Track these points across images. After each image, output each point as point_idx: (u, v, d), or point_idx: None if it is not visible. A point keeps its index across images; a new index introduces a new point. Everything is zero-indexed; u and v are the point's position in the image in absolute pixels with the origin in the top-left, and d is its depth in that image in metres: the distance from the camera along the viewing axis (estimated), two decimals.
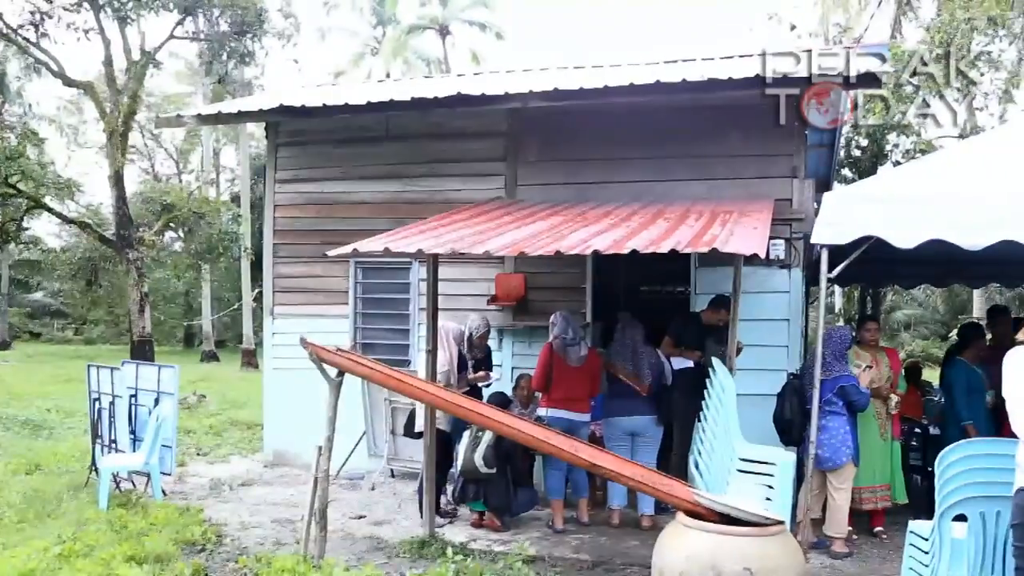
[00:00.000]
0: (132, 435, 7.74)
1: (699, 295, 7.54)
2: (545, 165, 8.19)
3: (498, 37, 33.11)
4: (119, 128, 17.54)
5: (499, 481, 6.48)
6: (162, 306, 31.64)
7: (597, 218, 6.57)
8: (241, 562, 5.68)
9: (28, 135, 17.70)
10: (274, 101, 8.54)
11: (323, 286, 8.88)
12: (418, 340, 8.38)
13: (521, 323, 8.06)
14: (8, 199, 16.62)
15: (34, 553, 5.60)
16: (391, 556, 5.96)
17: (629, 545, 6.15)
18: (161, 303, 31.15)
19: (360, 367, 5.50)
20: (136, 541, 5.89)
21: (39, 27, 17.01)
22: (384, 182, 8.69)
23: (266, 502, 7.54)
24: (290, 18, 20.48)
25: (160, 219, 19.49)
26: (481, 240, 5.72)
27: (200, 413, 13.08)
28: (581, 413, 6.64)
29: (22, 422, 11.76)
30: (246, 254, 22.06)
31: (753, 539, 3.86)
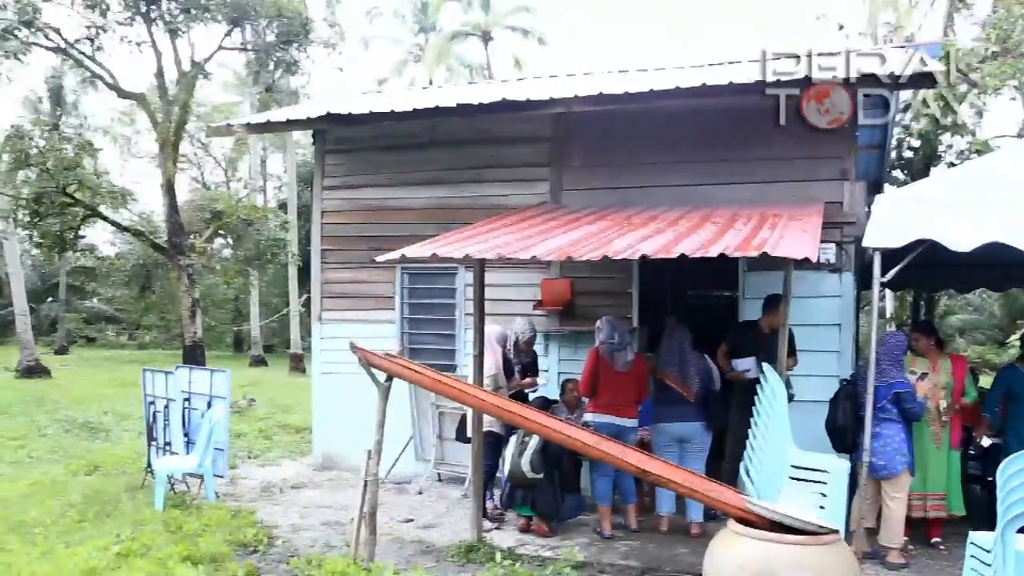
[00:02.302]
0: (186, 438, 7.90)
1: (747, 299, 7.47)
2: (590, 170, 8.18)
3: (540, 43, 33.14)
4: (170, 138, 17.90)
5: (546, 486, 6.47)
6: (212, 311, 32.19)
7: (644, 222, 6.54)
8: (292, 564, 5.76)
9: (84, 146, 18.12)
10: (321, 109, 8.66)
11: (370, 291, 8.96)
12: (464, 345, 8.42)
13: (567, 328, 8.05)
14: (66, 208, 17.04)
15: (95, 552, 5.76)
16: (439, 560, 5.98)
17: (678, 552, 6.10)
18: (211, 308, 31.70)
19: (408, 372, 5.54)
20: (191, 541, 6.02)
21: (94, 41, 17.46)
22: (430, 188, 8.76)
23: (316, 505, 7.63)
24: (335, 27, 20.72)
25: (210, 226, 19.84)
26: (528, 245, 5.73)
27: (250, 417, 13.29)
28: (628, 418, 6.61)
29: (81, 424, 12.09)
30: (293, 260, 22.35)
31: (807, 548, 3.80)
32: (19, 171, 17.08)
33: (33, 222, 17.50)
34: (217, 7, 17.05)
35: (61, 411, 13.37)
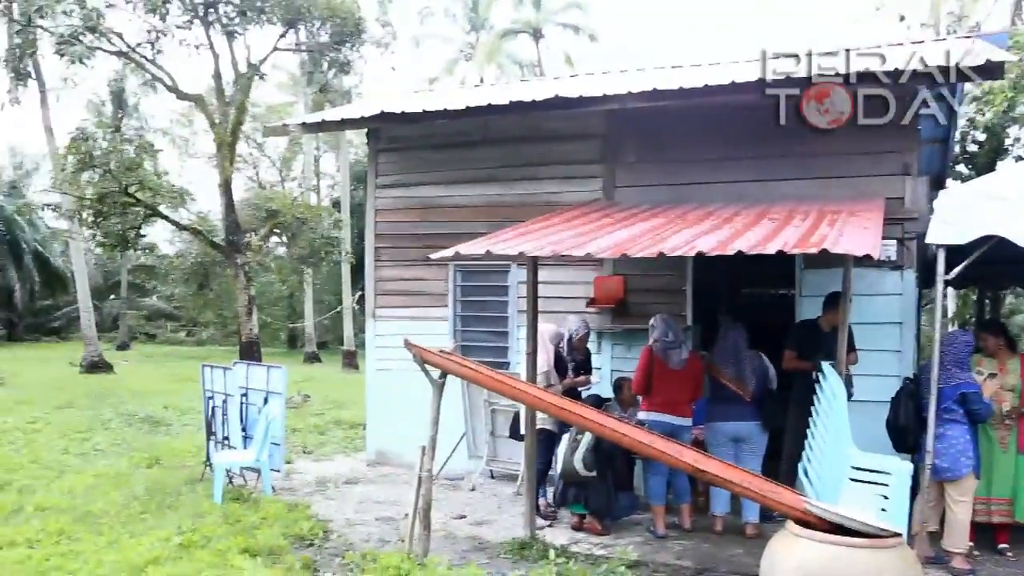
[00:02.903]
0: (243, 432, 8.04)
1: (805, 297, 7.34)
2: (643, 166, 8.11)
3: (592, 39, 33.02)
4: (227, 138, 18.27)
5: (599, 484, 6.45)
6: (267, 309, 32.78)
7: (699, 219, 6.48)
8: (348, 558, 5.83)
9: (145, 147, 18.59)
10: (375, 108, 8.74)
11: (423, 289, 9.03)
12: (516, 342, 8.43)
13: (620, 326, 8.00)
14: (128, 208, 17.49)
15: (157, 542, 5.91)
16: (492, 556, 6.00)
17: (733, 553, 6.02)
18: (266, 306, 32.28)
19: (462, 369, 5.56)
20: (249, 534, 6.14)
21: (155, 44, 17.91)
22: (482, 185, 8.78)
23: (370, 500, 7.71)
24: (387, 27, 20.95)
25: (265, 225, 20.19)
26: (582, 242, 5.71)
27: (305, 413, 13.49)
28: (682, 417, 6.55)
29: (142, 418, 12.40)
30: (347, 258, 22.62)
31: (868, 551, 3.72)
32: (83, 172, 17.58)
33: (97, 222, 18.00)
34: (272, 9, 17.36)
35: (123, 405, 13.74)
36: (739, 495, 5.12)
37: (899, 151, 7.04)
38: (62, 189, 19.01)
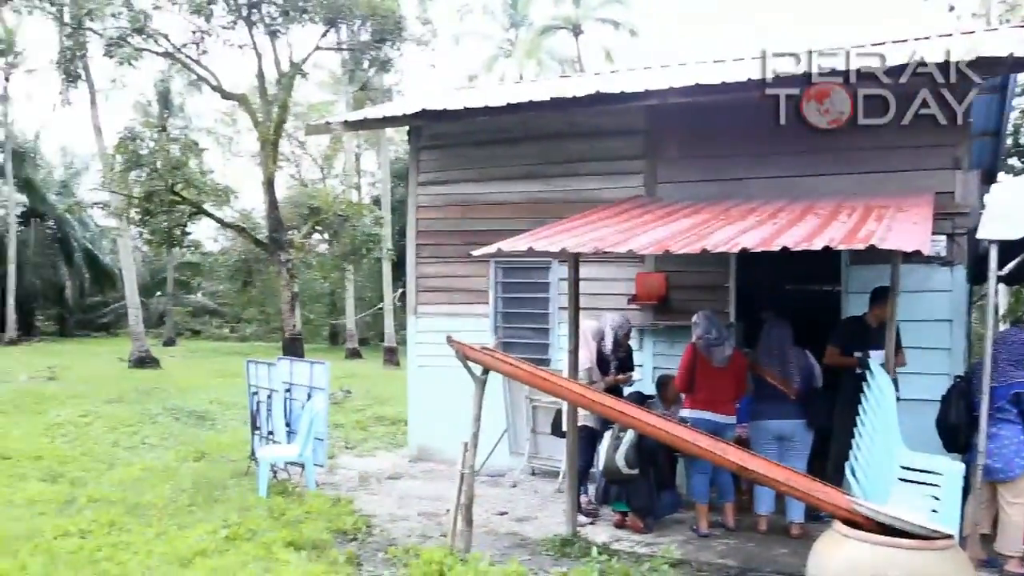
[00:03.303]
0: (287, 427, 8.14)
1: (851, 294, 7.22)
2: (686, 162, 8.04)
3: (632, 34, 32.82)
4: (271, 137, 18.50)
5: (642, 482, 6.41)
6: (309, 305, 33.15)
7: (742, 215, 6.41)
8: (391, 552, 5.88)
9: (190, 146, 18.92)
10: (416, 105, 8.78)
11: (464, 286, 9.06)
12: (557, 339, 8.42)
13: (662, 323, 7.95)
14: (174, 206, 17.81)
15: (204, 534, 6.03)
16: (534, 553, 6.00)
17: (778, 553, 5.95)
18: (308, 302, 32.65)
19: (504, 365, 5.57)
20: (294, 528, 6.22)
21: (199, 45, 18.19)
22: (523, 182, 8.78)
23: (411, 495, 7.76)
24: (427, 24, 21.03)
25: (308, 222, 20.41)
26: (624, 239, 5.69)
27: (347, 408, 13.62)
28: (726, 415, 6.48)
29: (188, 413, 12.62)
30: (387, 255, 22.78)
31: (919, 552, 3.66)
32: (131, 171, 17.94)
33: (144, 219, 18.36)
34: (314, 8, 17.52)
35: (170, 400, 13.98)
36: (784, 494, 5.07)
37: (949, 145, 6.89)
38: (111, 188, 19.43)
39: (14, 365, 19.88)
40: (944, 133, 6.81)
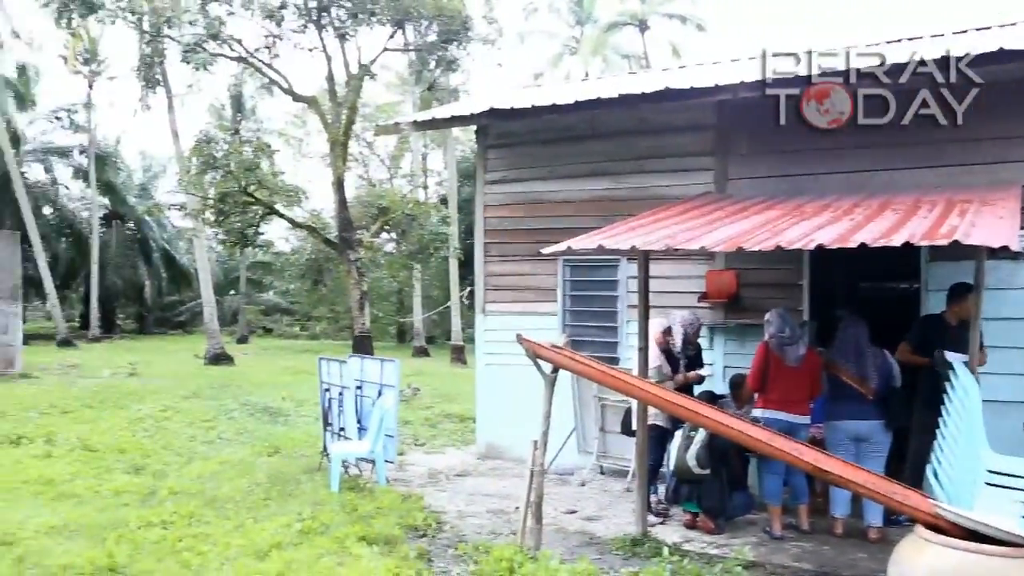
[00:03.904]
0: (358, 424, 8.26)
1: (931, 292, 7.00)
2: (757, 157, 7.90)
3: (699, 29, 32.44)
4: (340, 138, 18.81)
5: (713, 482, 6.33)
6: (377, 304, 33.60)
7: (816, 211, 6.27)
8: (461, 549, 5.92)
9: (263, 148, 19.37)
10: (484, 104, 8.82)
11: (532, 284, 9.06)
12: (626, 337, 8.37)
13: (733, 321, 7.83)
14: (247, 207, 18.26)
15: (279, 528, 6.16)
16: (603, 552, 5.98)
17: (855, 557, 5.80)
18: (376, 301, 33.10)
19: (574, 363, 5.56)
20: (365, 523, 6.32)
21: (271, 49, 18.62)
22: (591, 180, 8.74)
23: (480, 493, 7.81)
24: (493, 24, 21.10)
25: (376, 222, 20.69)
26: (694, 236, 5.62)
27: (415, 406, 13.76)
28: (800, 415, 6.34)
29: (262, 409, 12.93)
30: (454, 254, 22.95)
31: (1008, 560, 3.51)
32: (207, 173, 18.47)
33: (219, 220, 18.88)
34: (382, 10, 17.75)
35: (244, 396, 14.34)
36: (862, 496, 4.94)
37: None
38: (187, 190, 20.04)
39: (98, 362, 20.67)
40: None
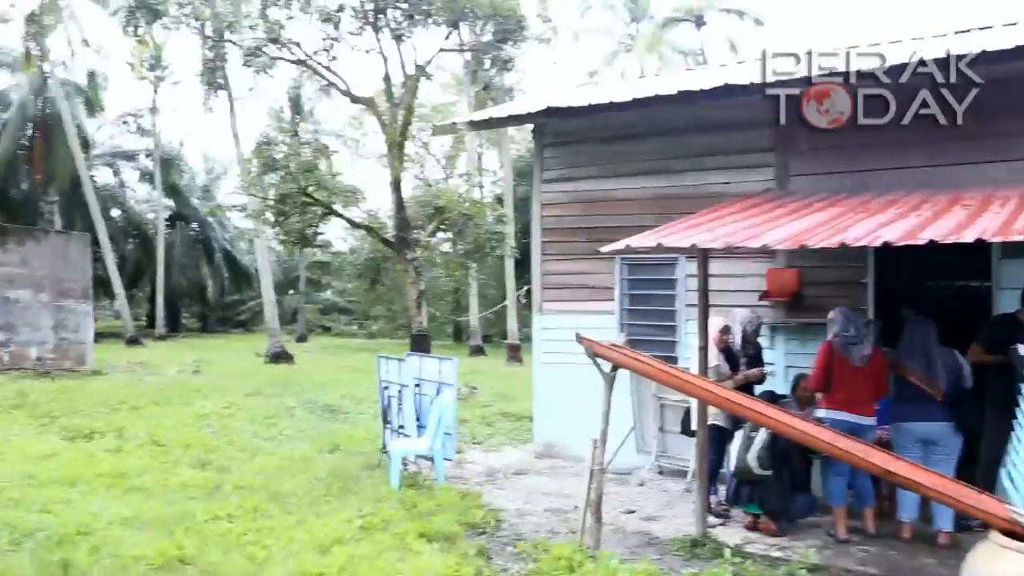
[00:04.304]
0: (417, 422, 8.34)
1: (1003, 290, 6.78)
2: (818, 153, 7.75)
3: (757, 23, 31.94)
4: (397, 138, 18.97)
5: (775, 483, 6.23)
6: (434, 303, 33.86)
7: (881, 207, 6.14)
8: (519, 547, 5.94)
9: (321, 149, 19.66)
10: (541, 103, 8.83)
11: (589, 282, 9.03)
12: (684, 336, 8.29)
13: (794, 320, 7.70)
14: (307, 207, 18.54)
15: (341, 523, 6.26)
16: (663, 553, 5.94)
17: (924, 563, 5.66)
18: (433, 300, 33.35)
19: (634, 362, 5.53)
20: (425, 519, 6.38)
21: (329, 52, 18.87)
22: (648, 178, 8.68)
23: (538, 491, 7.81)
24: (548, 22, 21.07)
25: (433, 221, 20.82)
26: (755, 234, 5.55)
27: (472, 404, 13.83)
28: (865, 416, 6.20)
29: (322, 406, 13.14)
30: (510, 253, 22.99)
31: None
32: (267, 175, 18.83)
33: (279, 221, 19.19)
34: (438, 11, 17.84)
35: (305, 394, 14.59)
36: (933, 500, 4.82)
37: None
38: (248, 191, 20.44)
39: (163, 359, 21.26)
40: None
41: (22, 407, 11.70)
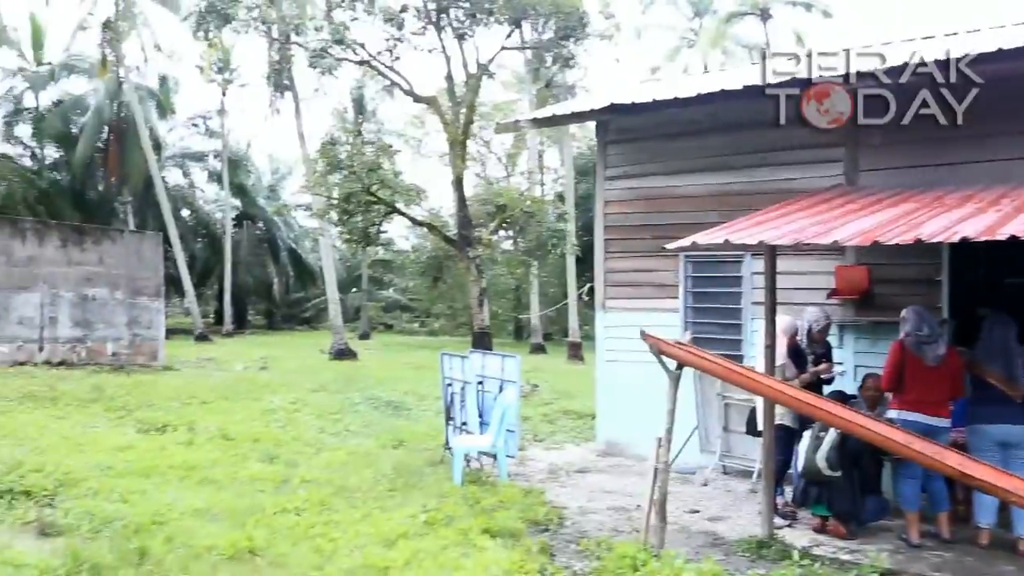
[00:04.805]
0: (480, 418, 8.38)
1: None
2: (891, 148, 7.53)
3: (825, 15, 31.26)
4: (459, 137, 19.08)
5: (845, 485, 6.09)
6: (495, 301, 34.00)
7: (958, 202, 5.96)
8: (583, 545, 5.93)
9: (384, 149, 19.88)
10: (604, 100, 8.78)
11: (653, 280, 8.97)
12: (750, 335, 8.17)
13: (865, 318, 7.52)
14: (370, 206, 18.77)
15: (405, 518, 6.32)
16: (728, 553, 5.86)
17: (1002, 570, 5.48)
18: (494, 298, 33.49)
19: (700, 360, 5.47)
20: (488, 516, 6.40)
21: (392, 52, 19.07)
22: (713, 174, 8.57)
23: (601, 490, 7.79)
24: (610, 19, 20.95)
25: (495, 219, 20.88)
26: (825, 230, 5.44)
27: (534, 402, 13.83)
28: (940, 417, 6.01)
29: (386, 402, 13.30)
30: (572, 250, 22.92)
31: None
32: (331, 174, 19.12)
33: (343, 219, 19.47)
34: (500, 9, 17.88)
35: (368, 390, 14.77)
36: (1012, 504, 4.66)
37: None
38: (313, 191, 20.79)
39: (231, 355, 21.79)
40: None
41: (99, 400, 12.09)
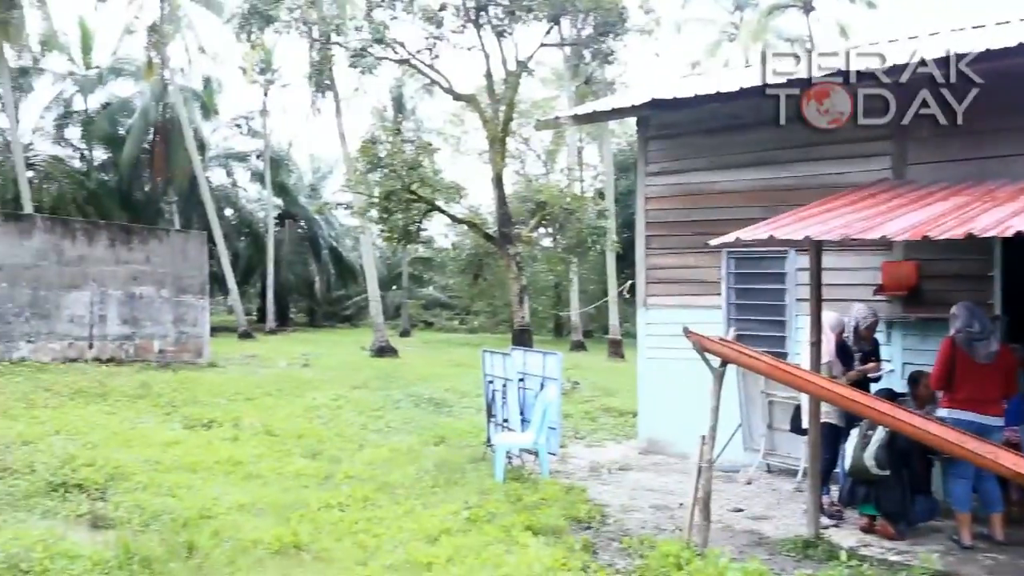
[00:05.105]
0: (521, 416, 8.38)
1: None
2: (940, 140, 7.37)
3: (870, 6, 30.67)
4: (499, 135, 19.09)
5: (893, 485, 5.98)
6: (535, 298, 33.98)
7: (1011, 196, 5.82)
8: (625, 542, 5.91)
9: (424, 147, 19.97)
10: (645, 96, 8.72)
11: (695, 276, 8.89)
12: (795, 332, 8.06)
13: (913, 315, 7.38)
14: (410, 204, 18.87)
15: (448, 515, 6.35)
16: (773, 553, 5.80)
17: None
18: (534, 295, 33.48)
19: (744, 357, 5.42)
20: (531, 513, 6.41)
21: (432, 50, 19.15)
22: (755, 169, 8.48)
23: (642, 487, 7.75)
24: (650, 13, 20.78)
25: (535, 216, 20.85)
26: (872, 225, 5.35)
27: (575, 399, 13.81)
28: (992, 416, 5.88)
29: (427, 399, 13.37)
30: (612, 247, 22.80)
31: None
32: (372, 173, 19.26)
33: (383, 218, 19.59)
34: (539, 6, 17.85)
35: (409, 387, 14.87)
36: None
37: None
38: (354, 189, 20.95)
39: (274, 353, 22.06)
40: None
41: (146, 397, 12.32)
